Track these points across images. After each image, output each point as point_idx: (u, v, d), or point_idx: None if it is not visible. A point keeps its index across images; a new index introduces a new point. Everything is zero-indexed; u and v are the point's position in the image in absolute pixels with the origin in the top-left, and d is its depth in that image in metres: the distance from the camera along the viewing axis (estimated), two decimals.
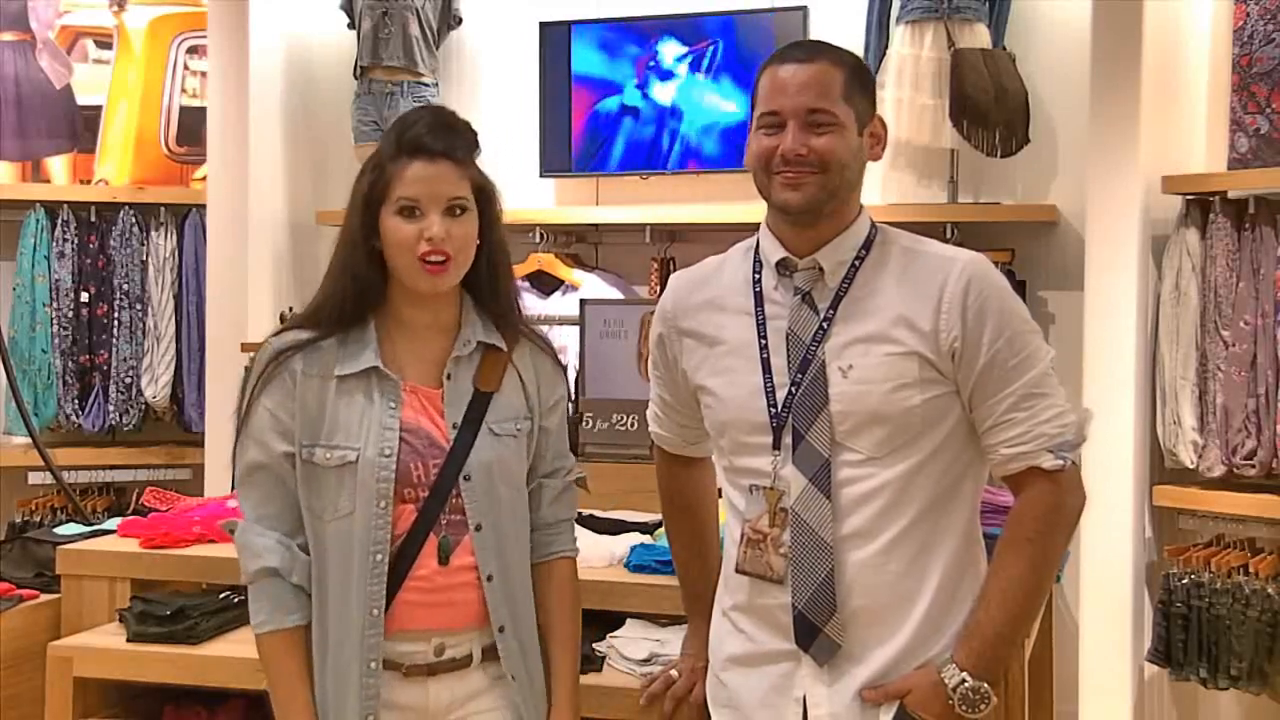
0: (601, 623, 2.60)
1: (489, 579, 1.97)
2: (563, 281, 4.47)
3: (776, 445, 1.88)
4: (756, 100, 1.91)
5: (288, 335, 1.98)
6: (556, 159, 4.60)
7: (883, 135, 1.94)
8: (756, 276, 1.95)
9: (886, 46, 4.11)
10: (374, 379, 1.96)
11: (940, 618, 1.87)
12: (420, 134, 1.93)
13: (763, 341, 1.91)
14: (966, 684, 1.82)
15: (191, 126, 4.80)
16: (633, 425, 3.11)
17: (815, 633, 1.85)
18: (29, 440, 4.16)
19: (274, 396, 1.95)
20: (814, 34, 4.25)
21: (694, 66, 4.44)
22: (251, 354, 4.37)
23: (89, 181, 4.79)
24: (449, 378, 1.99)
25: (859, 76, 1.90)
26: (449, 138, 1.95)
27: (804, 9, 4.30)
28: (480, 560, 1.97)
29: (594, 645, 2.54)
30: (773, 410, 1.88)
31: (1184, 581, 3.57)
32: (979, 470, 1.93)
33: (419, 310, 1.99)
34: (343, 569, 1.93)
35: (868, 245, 1.92)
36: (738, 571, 1.93)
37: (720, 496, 2.07)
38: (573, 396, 3.86)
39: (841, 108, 1.86)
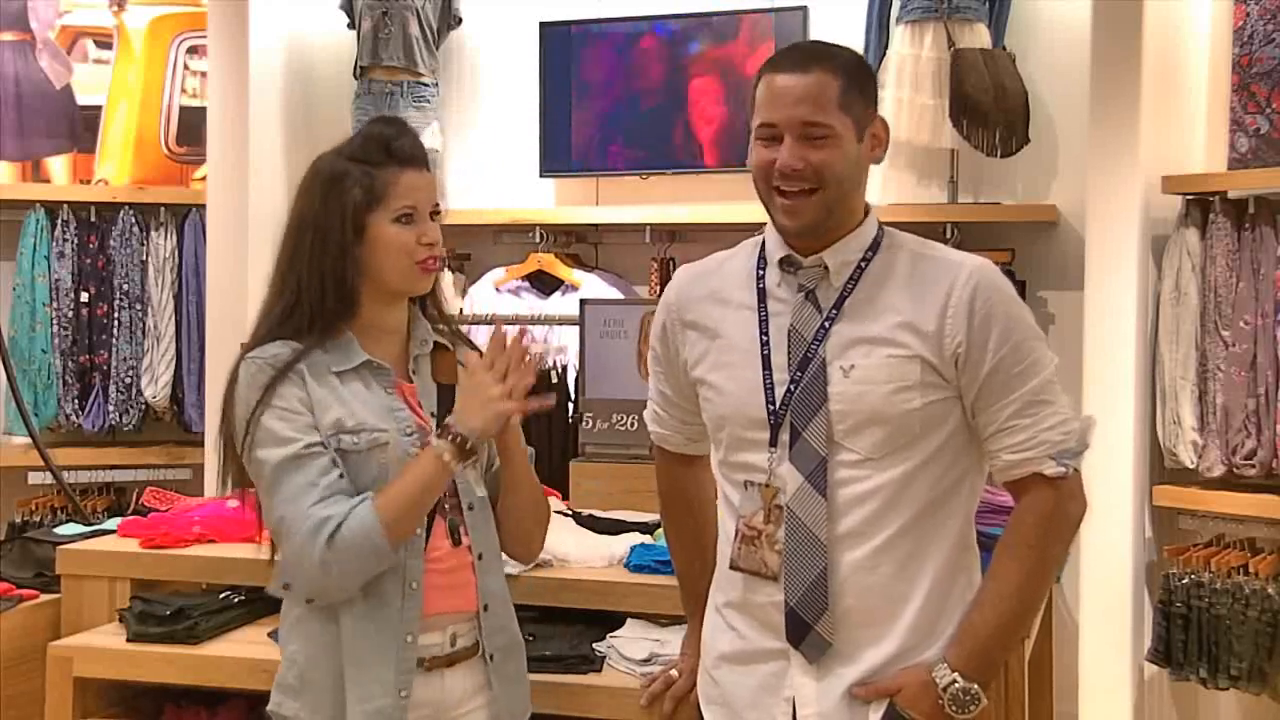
0: (601, 623, 2.61)
1: (480, 557, 2.05)
2: (563, 281, 4.47)
3: (773, 442, 1.88)
4: (755, 107, 1.90)
5: (275, 348, 1.99)
6: (556, 159, 4.61)
7: (884, 136, 1.93)
8: (760, 273, 1.96)
9: (886, 46, 4.11)
10: (367, 373, 2.02)
11: (932, 622, 1.88)
12: (406, 145, 2.02)
13: (764, 338, 1.91)
14: (957, 684, 1.83)
15: (191, 126, 4.80)
16: (632, 425, 3.11)
17: (806, 630, 1.86)
18: (29, 440, 4.16)
19: (284, 397, 1.96)
20: (814, 34, 4.24)
21: (694, 65, 4.45)
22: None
23: (89, 181, 4.79)
24: (414, 373, 2.08)
25: (857, 80, 1.89)
26: (423, 149, 2.06)
27: (804, 9, 4.29)
28: (473, 539, 2.05)
29: (594, 645, 2.54)
30: (771, 407, 1.89)
31: (1184, 581, 3.57)
32: (976, 476, 1.94)
33: (390, 313, 2.06)
34: None
35: (874, 247, 1.93)
36: (732, 568, 1.94)
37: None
38: (573, 397, 3.87)
39: (838, 118, 1.84)
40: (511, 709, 2.10)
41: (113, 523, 3.26)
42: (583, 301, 3.46)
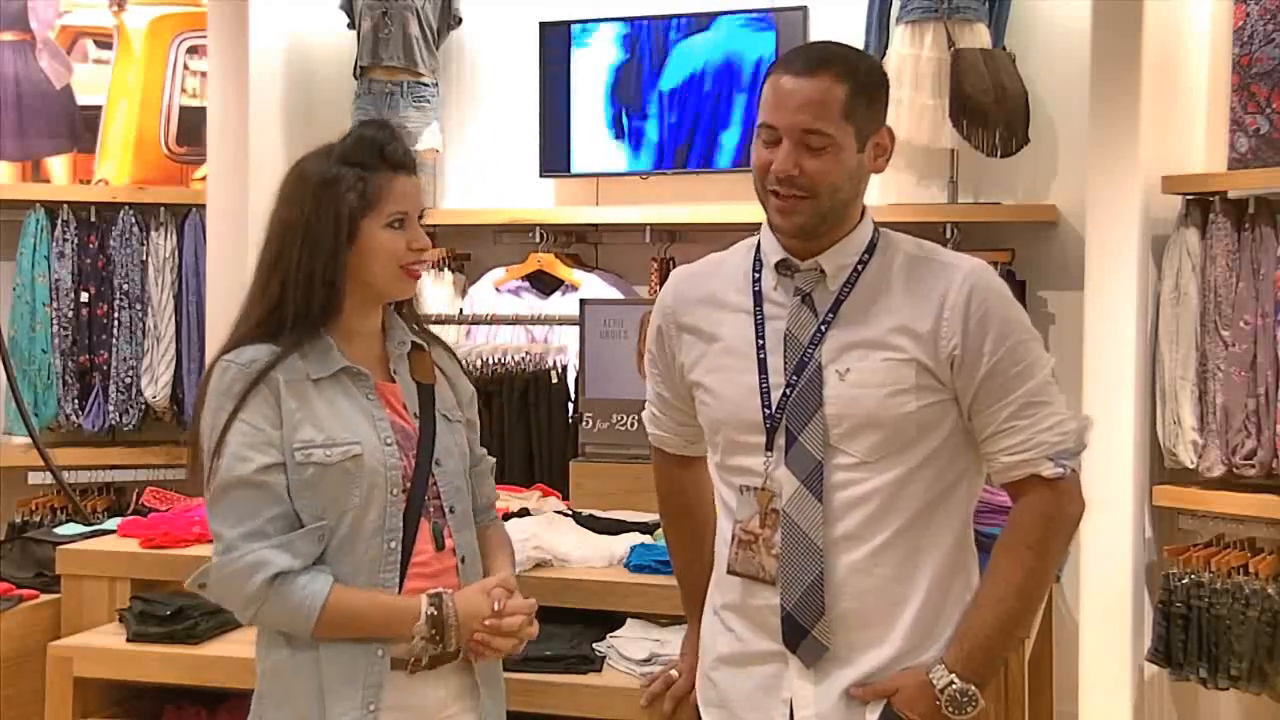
0: (601, 623, 2.61)
1: (463, 560, 2.05)
2: (563, 281, 4.47)
3: (769, 446, 1.88)
4: (761, 105, 1.88)
5: (251, 351, 1.97)
6: (556, 159, 4.61)
7: (888, 146, 1.91)
8: (756, 275, 1.95)
9: (886, 46, 4.11)
10: (346, 379, 2.00)
11: (930, 624, 1.87)
12: (398, 150, 2.02)
13: (760, 341, 1.91)
14: (955, 686, 1.82)
15: (191, 126, 4.80)
16: (632, 425, 3.11)
17: (803, 634, 1.85)
18: (29, 440, 4.16)
19: (252, 410, 1.93)
20: (814, 34, 4.25)
21: (694, 65, 4.45)
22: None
23: (89, 181, 4.79)
24: (396, 373, 2.07)
25: (866, 89, 1.85)
26: (412, 153, 2.06)
27: (804, 9, 4.30)
28: (456, 542, 2.05)
29: (594, 645, 2.54)
30: (767, 411, 1.88)
31: (1184, 581, 3.57)
32: (974, 477, 1.93)
33: (370, 316, 2.06)
34: (351, 562, 1.95)
35: (870, 250, 1.92)
36: (729, 572, 1.94)
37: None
38: (572, 396, 3.87)
39: (839, 127, 1.82)
40: (496, 712, 2.10)
41: (113, 523, 3.26)
42: (583, 301, 3.47)
